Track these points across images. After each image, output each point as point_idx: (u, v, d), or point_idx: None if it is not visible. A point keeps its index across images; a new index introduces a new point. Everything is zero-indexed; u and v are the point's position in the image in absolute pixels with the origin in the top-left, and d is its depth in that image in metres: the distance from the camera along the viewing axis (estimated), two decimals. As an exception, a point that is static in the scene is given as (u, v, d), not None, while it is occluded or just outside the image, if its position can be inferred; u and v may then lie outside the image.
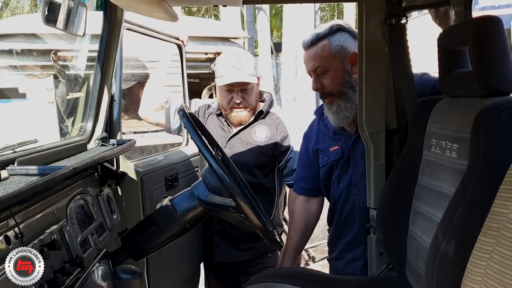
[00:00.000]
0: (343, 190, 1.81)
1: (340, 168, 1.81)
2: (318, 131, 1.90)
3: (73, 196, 1.34)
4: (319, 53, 1.72)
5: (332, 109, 1.75)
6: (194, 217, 1.47)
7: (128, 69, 2.88)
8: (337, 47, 1.71)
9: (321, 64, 1.72)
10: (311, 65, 1.74)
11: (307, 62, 1.76)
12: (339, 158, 1.80)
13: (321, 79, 1.74)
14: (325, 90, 1.74)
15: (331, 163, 1.82)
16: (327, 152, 1.84)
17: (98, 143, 1.67)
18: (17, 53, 2.93)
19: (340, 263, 1.87)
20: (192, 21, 4.12)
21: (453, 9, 1.51)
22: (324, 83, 1.73)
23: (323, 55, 1.71)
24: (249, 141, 2.19)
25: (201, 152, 1.32)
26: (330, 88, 1.73)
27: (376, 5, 1.61)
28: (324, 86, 1.74)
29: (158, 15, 1.52)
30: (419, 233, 1.34)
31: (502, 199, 0.88)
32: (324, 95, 1.77)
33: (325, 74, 1.73)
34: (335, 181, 1.83)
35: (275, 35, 14.87)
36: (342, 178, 1.81)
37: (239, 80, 2.10)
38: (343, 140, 1.81)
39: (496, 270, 0.85)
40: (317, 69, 1.73)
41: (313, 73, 1.75)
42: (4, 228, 0.97)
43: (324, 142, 1.86)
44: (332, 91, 1.73)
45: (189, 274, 2.24)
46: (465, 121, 1.13)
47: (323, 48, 1.72)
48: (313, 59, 1.73)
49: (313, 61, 1.73)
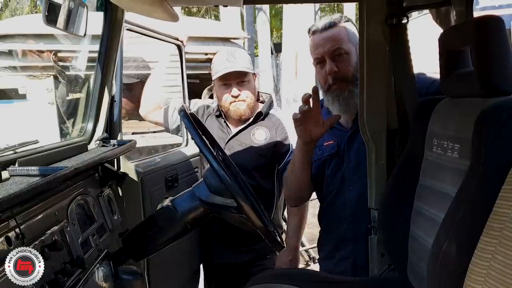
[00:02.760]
0: (336, 185, 1.80)
1: (334, 164, 1.80)
2: None
3: (74, 197, 1.34)
4: (339, 35, 1.70)
5: (342, 95, 1.71)
6: (195, 217, 1.47)
7: (128, 69, 2.88)
8: (352, 34, 1.72)
9: (341, 45, 1.69)
10: (329, 46, 1.69)
11: (323, 44, 1.71)
12: (334, 154, 1.79)
13: (338, 62, 1.70)
14: (339, 74, 1.70)
15: (324, 157, 1.81)
16: (321, 146, 1.81)
17: (98, 143, 1.67)
18: (17, 54, 2.94)
19: (331, 263, 1.85)
20: (192, 21, 4.12)
21: (454, 9, 1.51)
22: (340, 67, 1.70)
23: (343, 38, 1.70)
24: (248, 143, 2.19)
25: (202, 153, 1.32)
26: (345, 73, 1.70)
27: (376, 5, 1.61)
28: (340, 70, 1.70)
29: (159, 15, 1.52)
30: (420, 233, 1.34)
31: (504, 199, 0.87)
32: (336, 80, 1.71)
33: (342, 57, 1.70)
34: (329, 176, 1.82)
35: (275, 36, 14.86)
36: (336, 174, 1.80)
37: (234, 69, 2.11)
38: (339, 135, 1.80)
39: (499, 270, 0.85)
40: (336, 51, 1.69)
41: (330, 54, 1.70)
42: (5, 229, 0.97)
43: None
44: (347, 76, 1.70)
45: (189, 275, 2.24)
46: (466, 121, 1.12)
47: (342, 31, 1.71)
48: (332, 40, 1.70)
49: (331, 42, 1.69)
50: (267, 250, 2.23)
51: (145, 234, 1.50)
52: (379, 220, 1.61)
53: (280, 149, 2.19)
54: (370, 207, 1.71)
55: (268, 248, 2.13)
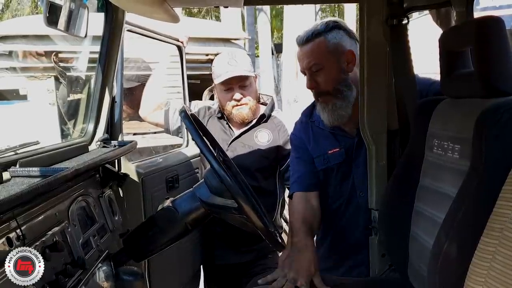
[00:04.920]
0: (345, 194, 1.77)
1: (342, 172, 1.76)
2: (315, 134, 1.82)
3: (75, 198, 1.34)
4: (315, 50, 1.66)
5: (327, 108, 1.69)
6: (196, 218, 1.47)
7: (129, 70, 2.88)
8: (333, 45, 1.66)
9: (316, 61, 1.66)
10: (306, 62, 1.68)
11: (302, 60, 1.70)
12: (342, 162, 1.75)
13: (316, 77, 1.68)
14: (320, 89, 1.69)
15: (331, 166, 1.77)
16: (324, 155, 1.77)
17: (99, 144, 1.67)
18: (18, 55, 2.94)
19: (338, 272, 1.80)
20: (193, 22, 4.12)
21: (454, 10, 1.51)
22: (319, 81, 1.68)
23: (319, 52, 1.66)
24: (251, 145, 2.19)
25: (203, 154, 1.32)
26: (325, 87, 1.67)
27: (377, 6, 1.61)
28: (319, 85, 1.68)
29: (160, 16, 1.52)
30: (421, 234, 1.34)
31: (505, 200, 0.87)
32: (319, 94, 1.71)
33: (320, 72, 1.67)
34: (337, 185, 1.78)
35: (276, 36, 14.87)
36: (344, 183, 1.77)
37: (236, 74, 2.11)
38: (344, 142, 1.76)
39: (499, 271, 0.84)
40: (312, 67, 1.67)
41: (308, 70, 1.69)
42: (6, 230, 0.97)
43: (321, 144, 1.79)
44: (328, 90, 1.67)
45: (189, 276, 2.24)
46: (467, 121, 1.13)
47: (319, 45, 1.66)
48: (308, 56, 1.67)
49: (308, 58, 1.67)
50: (268, 250, 2.23)
51: (145, 235, 1.50)
52: (380, 220, 1.62)
53: (282, 151, 2.19)
54: (370, 208, 1.71)
55: (269, 247, 2.13)
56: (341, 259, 1.82)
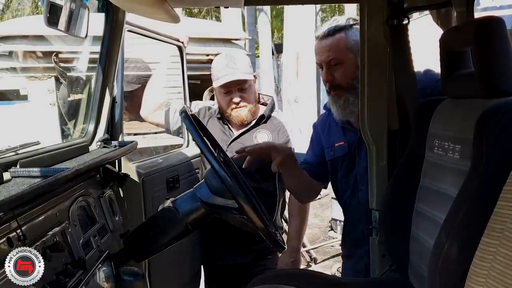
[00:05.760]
0: (350, 185, 1.82)
1: (346, 164, 1.81)
2: (330, 126, 1.89)
3: (75, 198, 1.34)
4: (335, 45, 1.70)
5: (338, 102, 1.73)
6: (196, 218, 1.47)
7: (129, 71, 2.89)
8: (353, 42, 1.70)
9: (336, 56, 1.70)
10: (325, 56, 1.71)
11: (320, 53, 1.73)
12: (346, 155, 1.80)
13: (333, 71, 1.72)
14: (335, 82, 1.72)
15: (336, 158, 1.83)
16: (332, 147, 1.84)
17: (100, 144, 1.67)
18: (18, 55, 2.94)
19: (350, 262, 1.89)
20: (193, 22, 4.12)
21: (454, 10, 1.51)
22: (335, 76, 1.72)
23: (339, 48, 1.70)
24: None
25: (203, 154, 1.32)
26: (341, 81, 1.71)
27: (377, 6, 1.61)
28: (335, 79, 1.72)
29: (160, 16, 1.52)
30: (421, 234, 1.33)
31: (505, 200, 0.87)
32: (333, 88, 1.74)
33: (338, 67, 1.71)
34: (343, 177, 1.83)
35: (276, 36, 14.86)
36: (349, 175, 1.81)
37: (235, 78, 2.10)
38: (349, 136, 1.81)
39: (500, 271, 0.84)
40: (331, 61, 1.70)
41: (326, 64, 1.72)
42: (7, 230, 0.97)
43: (331, 136, 1.86)
44: (342, 84, 1.71)
45: (190, 276, 2.24)
46: (467, 122, 1.12)
47: (340, 40, 1.70)
48: (327, 50, 1.71)
49: (327, 52, 1.71)
50: (268, 251, 2.23)
51: (146, 235, 1.50)
52: (380, 221, 1.62)
53: None
54: (371, 208, 1.72)
55: (269, 248, 2.13)
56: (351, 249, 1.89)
